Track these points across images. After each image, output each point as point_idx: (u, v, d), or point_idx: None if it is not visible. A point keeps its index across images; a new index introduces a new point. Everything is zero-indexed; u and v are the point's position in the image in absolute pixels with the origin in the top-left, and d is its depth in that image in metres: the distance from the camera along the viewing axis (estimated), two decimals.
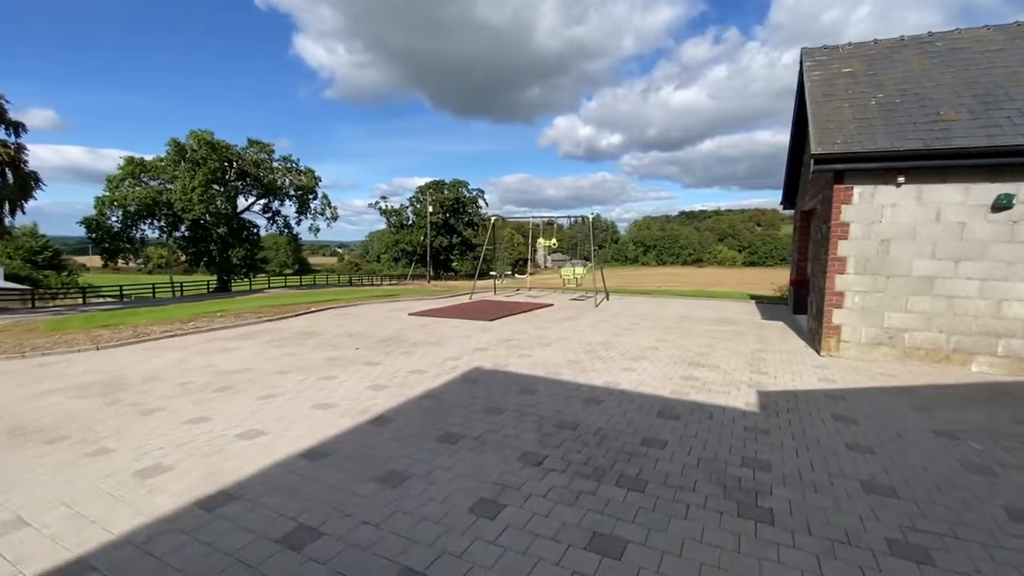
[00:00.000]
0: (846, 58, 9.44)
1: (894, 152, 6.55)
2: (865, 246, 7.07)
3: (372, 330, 9.37)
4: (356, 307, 13.27)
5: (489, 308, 12.45)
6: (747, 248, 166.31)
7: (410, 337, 8.61)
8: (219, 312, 12.83)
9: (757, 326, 10.10)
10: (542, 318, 11.01)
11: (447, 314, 11.30)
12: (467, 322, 10.31)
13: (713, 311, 12.44)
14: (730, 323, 10.46)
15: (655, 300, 15.10)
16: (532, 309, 12.32)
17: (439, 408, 4.81)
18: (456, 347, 7.76)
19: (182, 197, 38.53)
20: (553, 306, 13.24)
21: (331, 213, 49.59)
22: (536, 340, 8.37)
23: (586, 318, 11.06)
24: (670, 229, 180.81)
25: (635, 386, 5.65)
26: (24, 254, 57.02)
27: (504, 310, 11.98)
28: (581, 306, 13.41)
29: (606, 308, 12.96)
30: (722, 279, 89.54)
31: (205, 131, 40.14)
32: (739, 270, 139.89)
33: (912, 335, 6.90)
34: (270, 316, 11.40)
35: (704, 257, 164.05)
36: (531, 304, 13.38)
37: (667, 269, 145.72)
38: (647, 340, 8.45)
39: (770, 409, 4.93)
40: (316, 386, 5.56)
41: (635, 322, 10.47)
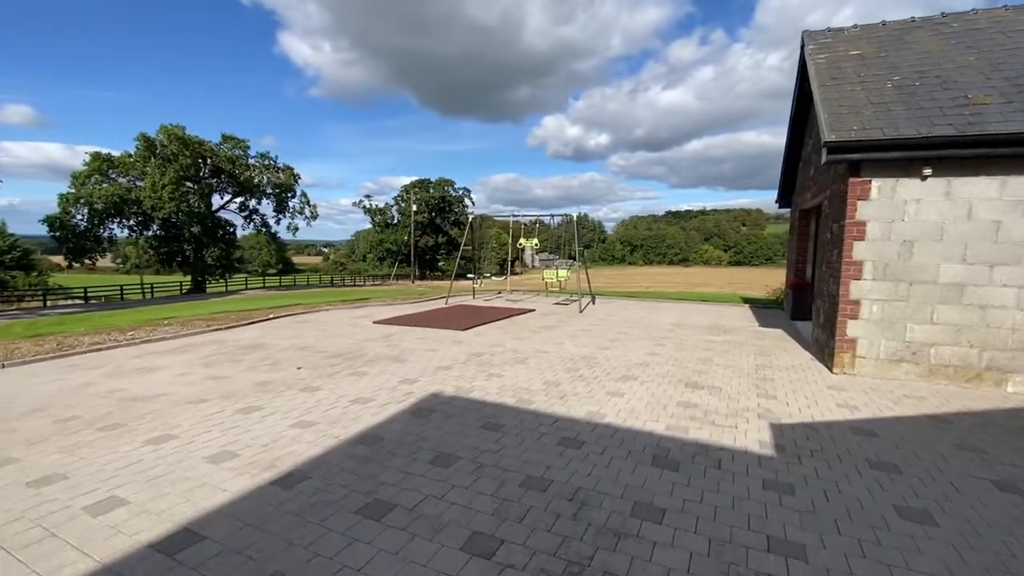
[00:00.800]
0: (853, 40, 8.57)
1: (922, 139, 5.65)
2: (885, 248, 6.17)
3: (327, 343, 8.28)
4: (320, 313, 12.15)
5: (463, 315, 11.42)
6: (733, 248, 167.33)
7: (368, 351, 7.55)
8: (167, 320, 11.62)
9: (756, 335, 9.20)
10: (520, 326, 10.00)
11: (416, 322, 10.24)
12: (437, 332, 9.27)
13: (706, 317, 11.55)
14: (726, 331, 9.55)
15: (644, 304, 14.18)
16: (511, 315, 11.31)
17: (375, 457, 3.77)
18: (418, 365, 6.72)
19: (152, 195, 36.84)
20: (534, 312, 12.24)
21: (310, 212, 48.09)
22: (511, 355, 7.36)
23: (569, 326, 10.08)
24: (657, 229, 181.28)
25: (624, 418, 4.66)
26: None
27: (480, 317, 10.96)
28: (564, 312, 12.43)
29: (591, 313, 12.00)
30: (710, 279, 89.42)
31: (176, 126, 38.49)
32: (726, 269, 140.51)
33: (939, 350, 6.02)
34: (222, 324, 10.25)
35: (690, 257, 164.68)
36: (510, 310, 12.37)
37: (654, 269, 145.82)
38: (637, 353, 7.49)
39: (789, 451, 3.98)
40: (228, 423, 4.48)
41: (623, 331, 9.52)
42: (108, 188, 37.50)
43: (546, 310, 12.66)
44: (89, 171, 37.80)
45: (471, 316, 11.13)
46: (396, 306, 13.48)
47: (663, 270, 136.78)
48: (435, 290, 20.59)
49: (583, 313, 12.07)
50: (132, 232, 41.30)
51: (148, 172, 37.87)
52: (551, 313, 12.05)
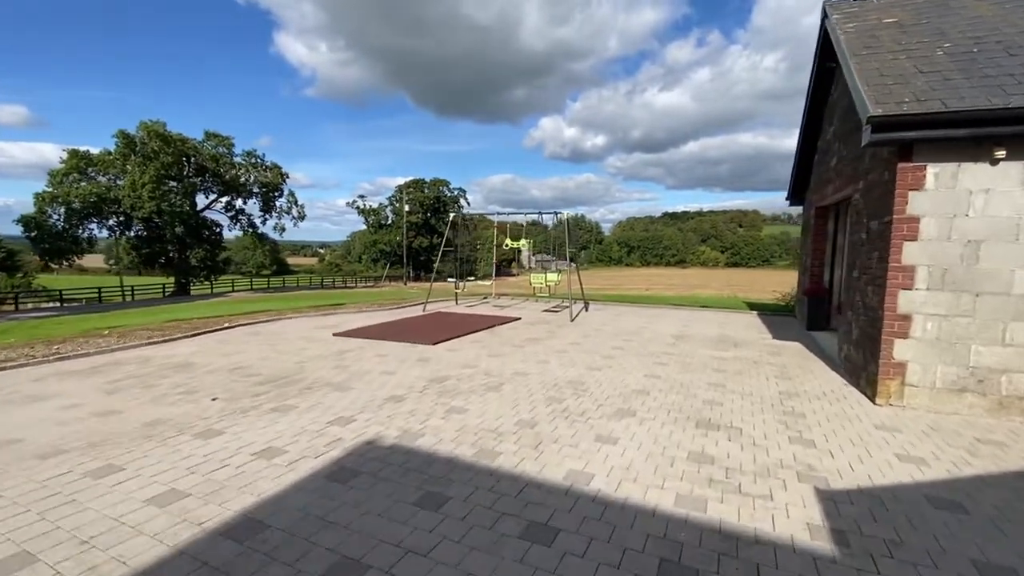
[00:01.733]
0: (884, 9, 7.36)
1: (1000, 111, 4.43)
2: (943, 250, 4.95)
3: (268, 362, 7.01)
4: (282, 322, 10.87)
5: (439, 325, 10.17)
6: (730, 249, 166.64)
7: (310, 374, 6.28)
8: (111, 329, 10.32)
9: (771, 350, 7.98)
10: (502, 339, 8.75)
11: (382, 334, 8.98)
12: (402, 347, 8.01)
13: (711, 326, 10.32)
14: (736, 345, 8.33)
15: (642, 311, 12.94)
16: (493, 325, 10.05)
17: (233, 571, 2.50)
18: (364, 394, 5.46)
19: (131, 194, 35.43)
20: (520, 320, 10.99)
21: (297, 212, 46.72)
22: (482, 379, 6.11)
23: (557, 338, 8.83)
24: (654, 230, 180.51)
25: (617, 483, 3.42)
26: None
27: (457, 327, 9.70)
28: (554, 320, 11.18)
29: (584, 322, 10.76)
30: (708, 280, 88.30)
31: (156, 122, 37.09)
32: (723, 271, 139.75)
33: (1012, 378, 4.80)
34: (164, 336, 8.98)
35: (687, 258, 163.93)
36: (494, 318, 11.12)
37: (651, 270, 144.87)
38: (634, 376, 6.25)
39: (856, 545, 2.74)
40: (60, 496, 3.20)
41: (618, 345, 8.27)
42: (85, 187, 36.07)
43: (534, 318, 11.41)
44: (66, 169, 36.36)
45: (447, 326, 9.87)
46: (370, 313, 12.20)
47: (660, 271, 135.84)
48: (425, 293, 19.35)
49: (575, 322, 10.82)
50: (112, 233, 39.89)
51: (128, 170, 36.44)
52: (539, 322, 10.80)
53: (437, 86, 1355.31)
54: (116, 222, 39.13)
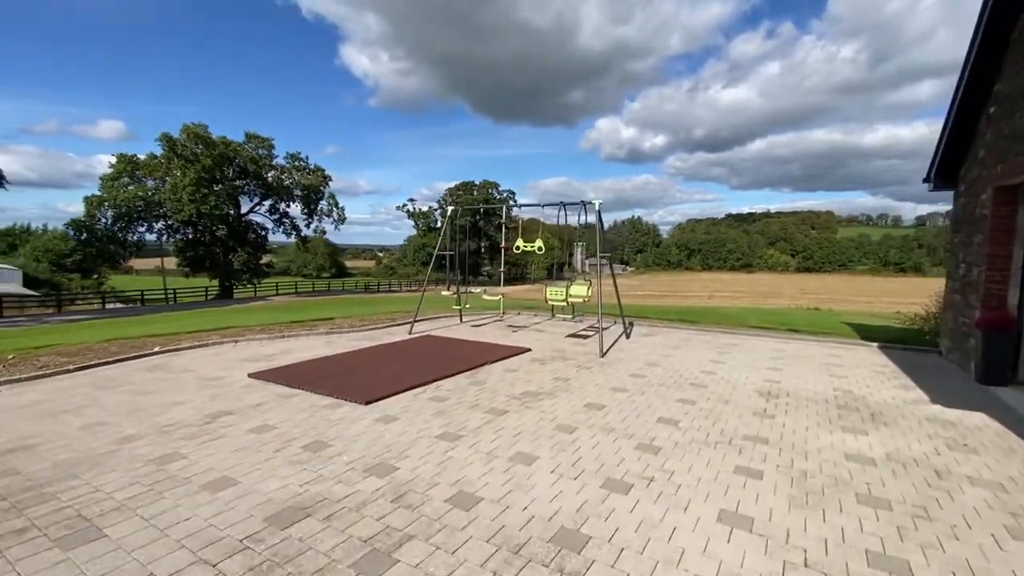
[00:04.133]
0: None
1: None
2: None
3: (77, 441, 4.33)
4: (214, 348, 8.33)
5: (405, 361, 7.24)
6: (801, 253, 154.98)
7: (79, 483, 3.50)
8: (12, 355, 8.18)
9: (947, 435, 4.44)
10: (481, 394, 5.67)
11: (310, 378, 6.15)
12: (313, 408, 5.13)
13: (817, 370, 6.78)
14: (876, 418, 4.84)
15: (707, 338, 9.46)
16: (482, 364, 6.98)
17: None
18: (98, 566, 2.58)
19: (171, 196, 35.22)
20: (527, 354, 7.85)
21: (337, 215, 45.63)
22: (372, 523, 3.09)
23: (573, 394, 5.67)
24: (716, 232, 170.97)
25: None
26: (52, 257, 56.15)
27: (425, 368, 6.73)
28: (578, 352, 7.98)
29: (620, 358, 7.50)
30: (777, 287, 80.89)
31: (198, 125, 36.80)
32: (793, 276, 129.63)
33: None
34: (56, 368, 6.66)
35: (753, 262, 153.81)
36: (491, 349, 8.06)
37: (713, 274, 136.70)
38: (702, 520, 3.01)
39: None
40: None
41: (670, 415, 5.00)
42: (130, 190, 36.31)
43: (550, 349, 8.24)
44: (115, 173, 36.78)
45: (418, 365, 6.93)
46: (344, 335, 9.48)
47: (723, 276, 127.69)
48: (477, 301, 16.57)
49: (607, 357, 7.57)
50: (160, 235, 40.21)
51: (171, 173, 36.37)
52: (555, 357, 7.63)
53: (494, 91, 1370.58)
54: (164, 225, 39.37)
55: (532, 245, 9.17)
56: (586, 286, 8.75)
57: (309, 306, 20.89)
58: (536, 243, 9.13)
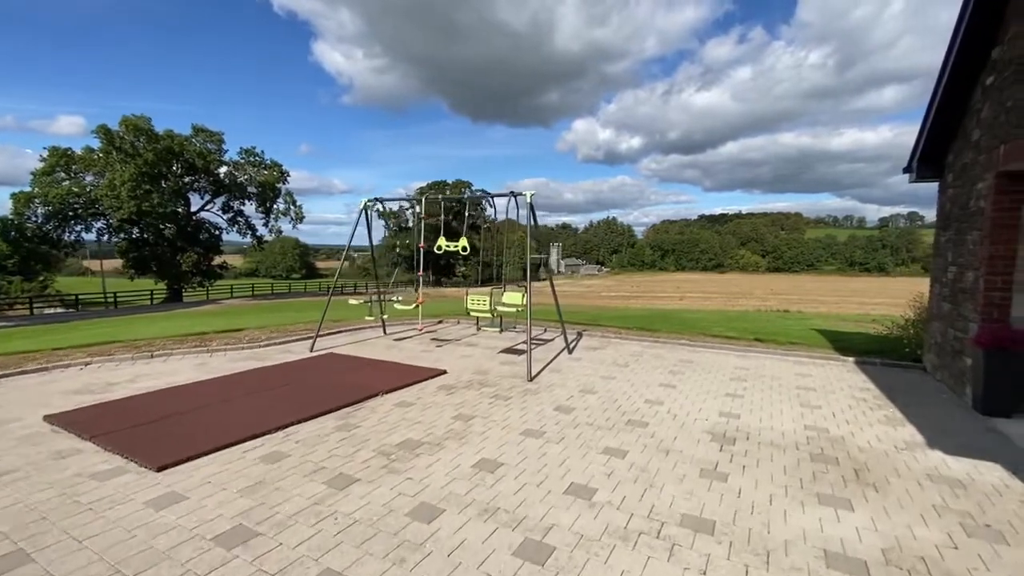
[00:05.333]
0: None
1: None
2: None
3: None
4: (62, 371, 6.67)
5: (274, 393, 5.75)
6: (771, 253, 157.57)
7: None
8: None
9: (951, 499, 3.19)
10: (347, 444, 4.22)
11: (132, 420, 4.60)
12: (98, 471, 3.63)
13: (786, 397, 5.55)
14: (861, 474, 3.57)
15: (664, 352, 8.19)
16: (369, 397, 5.52)
17: None
18: None
19: (109, 193, 32.58)
20: (441, 377, 6.43)
21: (295, 213, 43.36)
22: None
23: (465, 447, 4.26)
24: (690, 233, 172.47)
25: None
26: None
27: (290, 405, 5.24)
28: (501, 378, 6.59)
29: (552, 383, 6.15)
30: (750, 287, 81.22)
31: (139, 116, 34.16)
32: (763, 276, 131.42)
33: None
34: None
35: (725, 262, 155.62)
36: (393, 373, 6.61)
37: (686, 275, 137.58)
38: None
39: None
40: None
41: (590, 473, 3.64)
42: (64, 186, 33.52)
43: (470, 371, 6.83)
44: (48, 167, 33.92)
45: (285, 399, 5.44)
46: (232, 351, 7.90)
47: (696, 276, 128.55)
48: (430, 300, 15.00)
49: (536, 382, 6.20)
50: (100, 235, 37.41)
51: (110, 168, 33.71)
52: (471, 383, 6.21)
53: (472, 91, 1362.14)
54: (104, 224, 36.60)
55: (456, 245, 7.76)
56: (521, 293, 7.41)
57: (245, 312, 19.06)
58: (460, 242, 7.72)
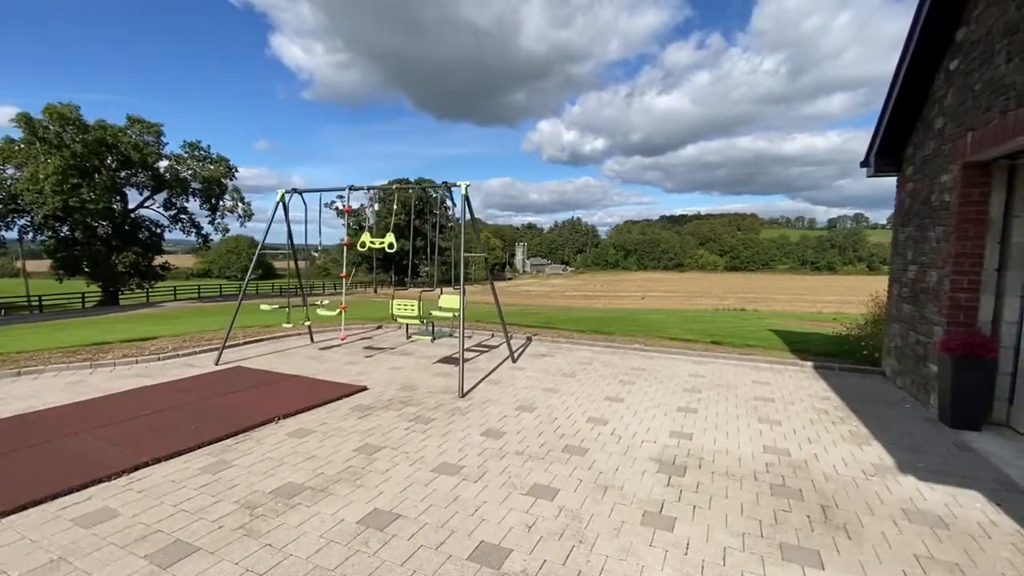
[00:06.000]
0: None
1: None
2: None
3: None
4: None
5: (145, 421, 4.80)
6: (728, 253, 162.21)
7: None
8: None
9: (934, 546, 2.62)
10: (208, 494, 3.35)
11: None
12: None
13: (742, 410, 4.99)
14: (825, 507, 2.98)
15: (617, 360, 7.60)
16: (263, 423, 4.65)
17: None
18: None
19: (31, 187, 29.88)
20: (361, 395, 5.60)
21: (243, 210, 41.18)
22: None
23: (358, 492, 3.47)
24: (651, 233, 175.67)
25: None
26: None
27: (158, 437, 4.32)
28: (430, 394, 5.82)
29: (487, 399, 5.42)
30: (706, 285, 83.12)
31: (66, 105, 31.52)
32: (721, 275, 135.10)
33: None
34: None
35: (685, 261, 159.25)
36: (304, 390, 5.74)
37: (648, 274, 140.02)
38: None
39: None
40: None
41: (506, 526, 2.91)
42: None
43: (396, 385, 6.02)
44: None
45: (152, 428, 4.50)
46: (124, 366, 6.82)
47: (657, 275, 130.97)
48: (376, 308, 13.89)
49: (469, 398, 5.46)
50: (23, 234, 34.38)
51: (32, 160, 30.94)
52: (393, 401, 5.41)
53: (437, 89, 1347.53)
54: (29, 221, 33.62)
55: (382, 242, 6.94)
56: (458, 296, 6.66)
57: (178, 316, 17.53)
58: (387, 239, 6.90)
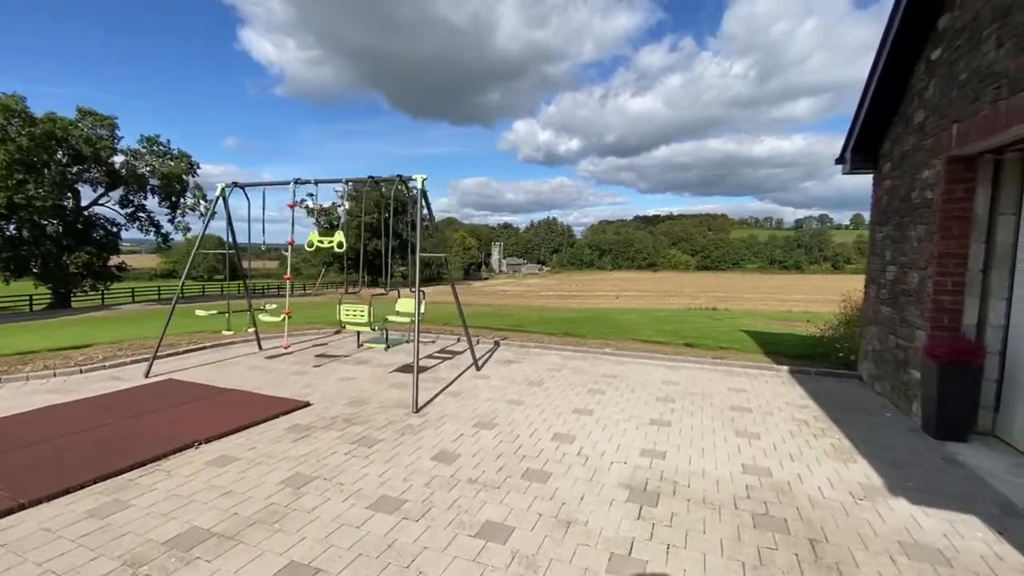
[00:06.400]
0: None
1: None
2: None
3: None
4: None
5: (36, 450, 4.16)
6: (700, 252, 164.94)
7: None
8: None
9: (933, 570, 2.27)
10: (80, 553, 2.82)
11: None
12: None
13: (718, 422, 4.63)
14: (813, 541, 2.60)
15: (583, 364, 7.20)
16: (178, 450, 4.07)
17: None
18: None
19: None
20: (302, 411, 5.04)
21: (205, 208, 39.61)
22: None
23: (271, 542, 2.97)
24: (625, 233, 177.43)
25: None
26: None
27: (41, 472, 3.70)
28: (382, 408, 5.30)
29: (444, 414, 4.93)
30: (679, 285, 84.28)
31: (11, 96, 29.64)
32: (693, 275, 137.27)
33: None
34: None
35: (658, 261, 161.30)
36: (238, 406, 5.16)
37: (623, 273, 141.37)
38: None
39: None
40: None
41: None
42: None
43: (344, 399, 5.49)
44: None
45: (46, 457, 3.87)
46: (59, 377, 6.09)
47: (632, 275, 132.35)
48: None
49: (423, 413, 4.96)
50: None
51: None
52: (337, 419, 4.87)
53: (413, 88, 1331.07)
54: None
55: (331, 241, 6.37)
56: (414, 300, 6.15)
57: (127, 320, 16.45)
58: (335, 238, 6.34)
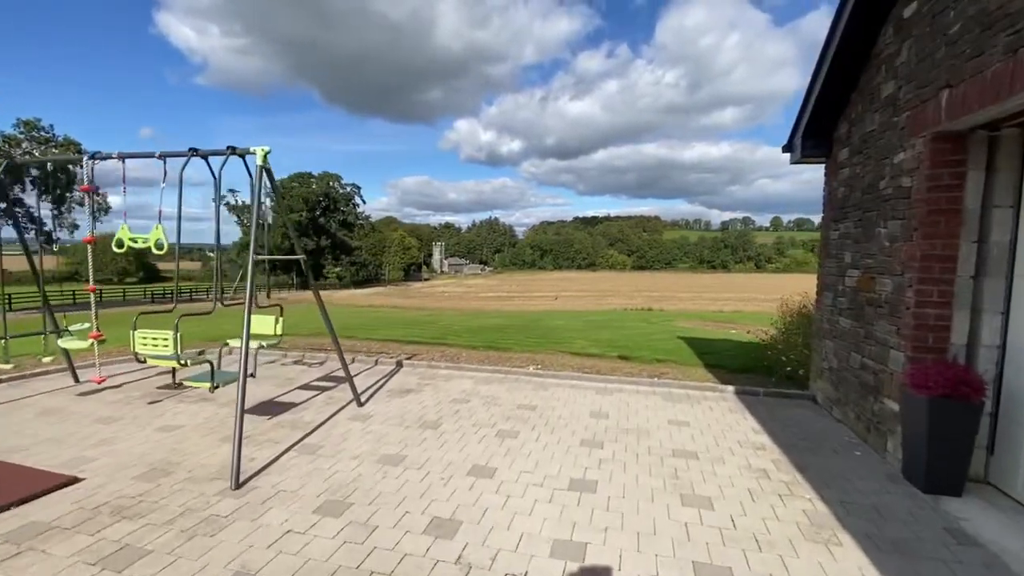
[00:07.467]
0: None
1: None
2: None
3: None
4: None
5: None
6: (635, 252, 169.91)
7: None
8: None
9: None
10: None
11: None
12: None
13: (658, 475, 3.46)
14: None
15: (497, 391, 5.92)
16: None
17: None
18: None
19: None
20: (61, 492, 3.41)
21: (98, 204, 35.25)
22: None
23: None
24: (565, 234, 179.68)
25: None
26: None
27: None
28: (191, 482, 3.75)
29: (277, 487, 3.47)
30: (617, 286, 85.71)
31: None
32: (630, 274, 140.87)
33: None
34: None
35: (597, 261, 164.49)
36: None
37: (563, 273, 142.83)
38: None
39: None
40: None
41: None
42: None
43: (142, 464, 3.87)
44: None
45: None
46: None
47: (572, 275, 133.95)
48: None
49: (249, 487, 3.47)
50: None
51: None
52: (102, 509, 3.27)
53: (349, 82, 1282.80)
54: None
55: (146, 240, 4.72)
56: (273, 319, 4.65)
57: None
58: (152, 236, 4.69)
